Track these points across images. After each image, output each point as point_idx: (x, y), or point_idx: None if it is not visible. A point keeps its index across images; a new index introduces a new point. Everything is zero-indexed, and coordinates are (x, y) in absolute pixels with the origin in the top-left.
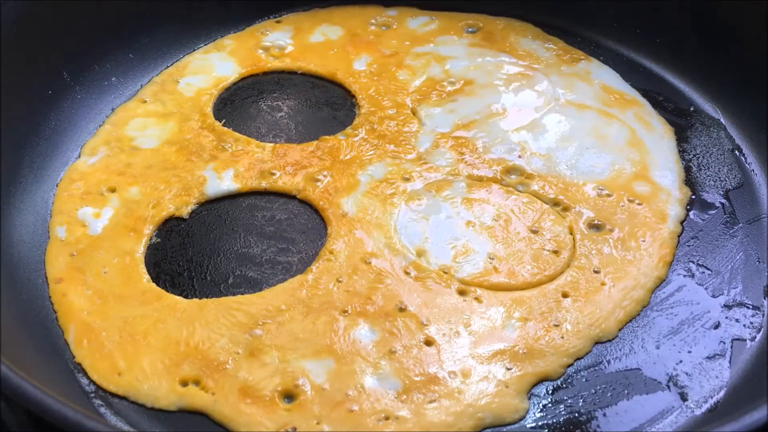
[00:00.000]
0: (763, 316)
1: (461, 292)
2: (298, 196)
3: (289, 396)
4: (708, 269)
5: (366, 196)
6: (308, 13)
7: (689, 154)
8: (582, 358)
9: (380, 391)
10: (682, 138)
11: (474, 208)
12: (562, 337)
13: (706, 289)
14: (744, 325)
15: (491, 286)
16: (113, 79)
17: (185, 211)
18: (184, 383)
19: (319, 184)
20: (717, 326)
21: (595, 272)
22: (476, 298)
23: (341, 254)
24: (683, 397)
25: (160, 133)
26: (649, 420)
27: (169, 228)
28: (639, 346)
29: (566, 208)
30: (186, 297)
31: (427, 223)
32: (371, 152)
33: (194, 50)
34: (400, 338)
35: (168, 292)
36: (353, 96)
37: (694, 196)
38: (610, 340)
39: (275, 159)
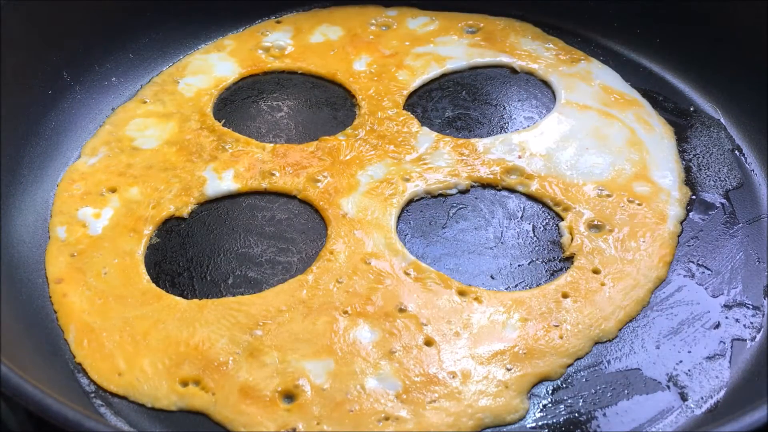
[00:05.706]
0: (763, 316)
1: (461, 293)
2: (298, 197)
3: (289, 396)
4: (708, 269)
5: (366, 196)
6: (308, 13)
7: (689, 154)
8: (582, 358)
9: (380, 392)
10: (682, 138)
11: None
12: (562, 338)
13: (706, 289)
14: (744, 325)
15: None
16: (113, 79)
17: (185, 211)
18: (185, 383)
19: (319, 184)
20: (717, 326)
21: (595, 272)
22: (476, 299)
23: (341, 254)
24: (683, 397)
25: (160, 133)
26: (649, 420)
27: (169, 228)
28: (639, 346)
29: (566, 208)
30: (186, 297)
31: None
32: (371, 152)
33: (194, 50)
34: (400, 339)
35: (168, 292)
36: (353, 96)
37: (694, 196)
38: (610, 340)
39: (275, 159)
